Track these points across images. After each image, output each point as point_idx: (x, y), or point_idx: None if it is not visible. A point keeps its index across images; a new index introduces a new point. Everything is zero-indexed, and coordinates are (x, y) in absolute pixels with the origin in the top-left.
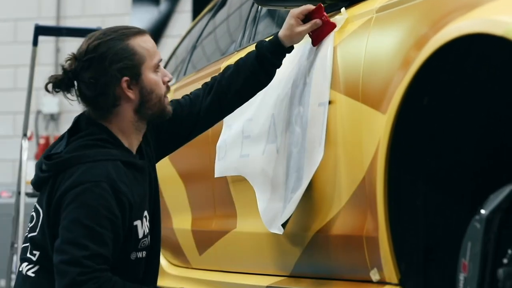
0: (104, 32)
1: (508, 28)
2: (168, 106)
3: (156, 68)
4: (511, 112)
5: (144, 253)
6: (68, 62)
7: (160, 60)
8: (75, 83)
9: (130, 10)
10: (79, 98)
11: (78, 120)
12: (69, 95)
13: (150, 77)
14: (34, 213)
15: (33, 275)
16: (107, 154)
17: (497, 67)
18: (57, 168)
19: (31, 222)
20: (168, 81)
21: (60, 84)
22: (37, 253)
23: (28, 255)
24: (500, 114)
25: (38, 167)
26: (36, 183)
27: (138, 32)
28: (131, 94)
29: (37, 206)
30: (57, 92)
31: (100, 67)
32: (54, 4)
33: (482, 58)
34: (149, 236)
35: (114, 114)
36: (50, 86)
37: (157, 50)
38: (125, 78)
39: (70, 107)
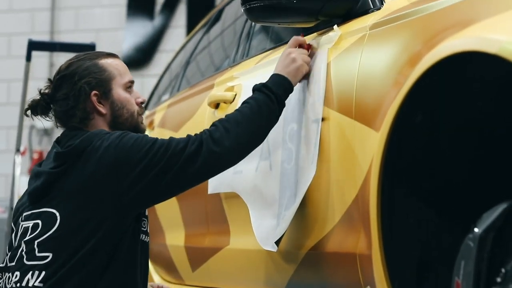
0: (77, 55)
1: (501, 46)
2: (141, 125)
3: (126, 87)
4: (504, 130)
5: (147, 237)
6: (45, 88)
7: (132, 82)
8: (52, 106)
9: (124, 25)
10: (55, 119)
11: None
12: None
13: (120, 93)
14: (38, 221)
15: (41, 284)
16: (109, 131)
17: (490, 85)
18: (75, 153)
19: (33, 230)
20: (141, 103)
21: (36, 107)
22: (49, 255)
23: (33, 262)
24: (493, 131)
25: (36, 174)
26: (45, 183)
27: (110, 54)
28: (101, 108)
29: (46, 209)
30: (35, 116)
31: (70, 83)
32: (48, 18)
33: (476, 76)
34: (147, 221)
35: (90, 126)
36: (29, 112)
37: (129, 72)
38: (94, 91)
39: None
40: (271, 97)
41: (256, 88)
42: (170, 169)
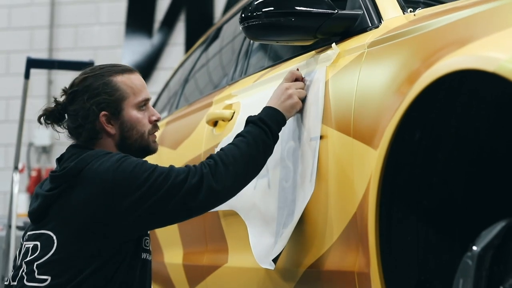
0: (93, 68)
1: (499, 64)
2: (152, 144)
3: (140, 105)
4: (502, 148)
5: (149, 256)
6: (61, 95)
7: (147, 99)
8: (66, 116)
9: (123, 43)
10: (66, 130)
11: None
12: (59, 128)
13: (132, 113)
14: (37, 242)
15: None
16: (107, 151)
17: (488, 103)
18: (70, 175)
19: (32, 252)
20: (156, 121)
21: (49, 116)
22: (47, 278)
23: (32, 283)
24: (491, 149)
25: (35, 195)
26: (41, 205)
27: (126, 69)
28: (110, 129)
29: (44, 231)
30: (48, 124)
31: (80, 100)
32: (47, 36)
33: (474, 94)
34: (149, 240)
35: (98, 145)
36: (42, 119)
37: (145, 89)
38: (104, 112)
39: (62, 140)
40: (266, 132)
41: (251, 121)
42: (169, 200)
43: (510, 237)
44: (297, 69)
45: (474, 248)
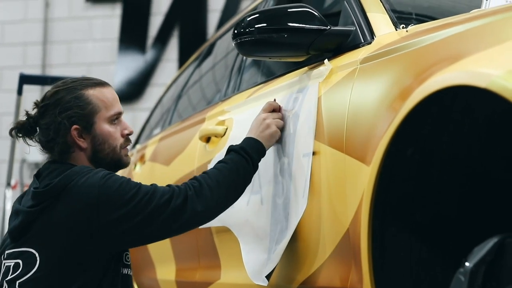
0: (65, 81)
1: (491, 80)
2: (124, 158)
3: (112, 119)
4: (495, 164)
5: (130, 271)
6: (33, 108)
7: (119, 113)
8: (37, 129)
9: (116, 59)
10: (38, 144)
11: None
12: (31, 142)
13: (103, 127)
14: (19, 260)
15: None
16: (90, 167)
17: (481, 119)
18: (55, 191)
19: (14, 270)
20: (128, 134)
21: (21, 129)
22: None
23: None
24: (484, 165)
25: (15, 211)
26: (23, 222)
27: (99, 83)
28: (81, 143)
29: (26, 249)
30: (19, 137)
31: (51, 114)
32: (40, 52)
33: (466, 110)
34: (130, 255)
35: (71, 159)
36: (14, 132)
37: (117, 103)
38: (75, 126)
39: None
40: (247, 160)
41: (233, 149)
42: (153, 220)
43: (502, 253)
44: (274, 100)
45: (467, 264)
